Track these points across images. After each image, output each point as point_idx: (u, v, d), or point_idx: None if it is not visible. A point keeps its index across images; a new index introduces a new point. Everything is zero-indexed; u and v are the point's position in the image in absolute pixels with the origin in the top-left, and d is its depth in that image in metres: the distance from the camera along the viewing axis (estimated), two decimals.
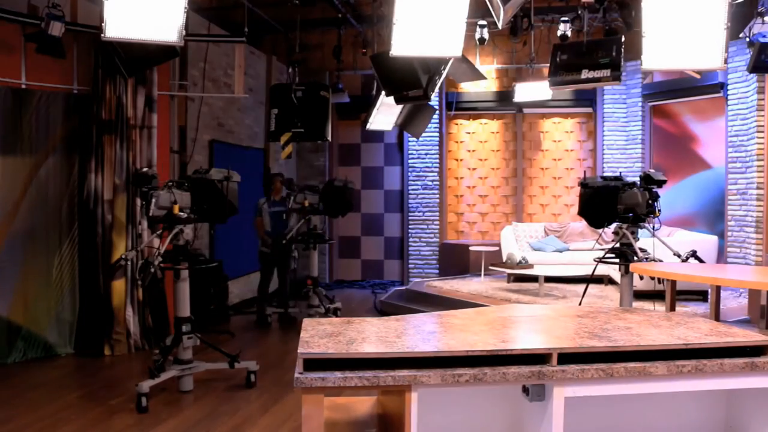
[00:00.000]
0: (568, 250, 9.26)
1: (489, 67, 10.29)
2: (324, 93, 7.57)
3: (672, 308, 5.49)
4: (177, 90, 7.31)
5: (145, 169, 5.13)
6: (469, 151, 10.92)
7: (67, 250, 6.28)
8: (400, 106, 8.48)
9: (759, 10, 6.31)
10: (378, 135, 10.88)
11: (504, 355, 2.29)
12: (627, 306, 5.36)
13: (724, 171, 8.40)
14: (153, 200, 4.80)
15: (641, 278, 5.19)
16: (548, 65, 6.19)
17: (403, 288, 9.36)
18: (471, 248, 9.74)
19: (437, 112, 10.18)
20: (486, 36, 7.25)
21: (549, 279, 8.36)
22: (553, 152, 10.72)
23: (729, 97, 8.26)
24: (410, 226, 10.85)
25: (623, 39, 5.85)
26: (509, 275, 8.77)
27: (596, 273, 6.01)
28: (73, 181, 6.34)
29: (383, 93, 7.08)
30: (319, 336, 2.47)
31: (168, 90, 7.03)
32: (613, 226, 5.52)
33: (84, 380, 5.48)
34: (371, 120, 8.78)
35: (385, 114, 8.74)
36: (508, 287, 8.50)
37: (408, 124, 9.25)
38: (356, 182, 10.49)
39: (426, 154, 10.75)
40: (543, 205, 10.75)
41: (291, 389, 4.99)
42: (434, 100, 9.73)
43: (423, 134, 9.78)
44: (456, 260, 10.31)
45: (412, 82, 6.11)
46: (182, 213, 5.00)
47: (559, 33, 6.77)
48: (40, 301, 6.05)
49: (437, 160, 10.70)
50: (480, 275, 9.19)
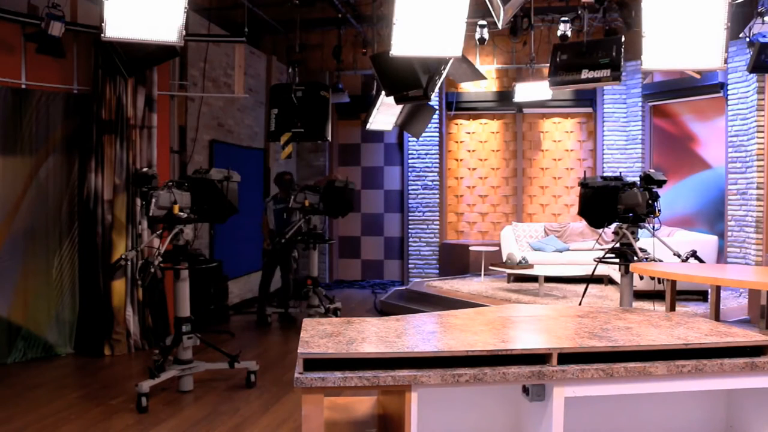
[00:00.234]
0: (568, 250, 9.26)
1: (489, 67, 10.31)
2: (324, 93, 7.57)
3: (672, 308, 5.49)
4: (177, 90, 7.31)
5: (145, 169, 5.12)
6: (469, 151, 10.92)
7: (67, 250, 6.28)
8: (400, 106, 8.49)
9: (759, 10, 6.31)
10: (378, 135, 10.89)
11: (504, 355, 2.29)
12: (627, 306, 5.36)
13: (724, 171, 8.40)
14: (153, 200, 4.80)
15: (641, 278, 5.19)
16: (548, 65, 6.18)
17: (403, 288, 9.36)
18: (471, 248, 9.74)
19: (437, 112, 10.18)
20: (486, 36, 7.25)
21: (549, 279, 8.36)
22: (553, 152, 10.72)
23: (729, 97, 8.26)
24: (410, 226, 10.85)
25: (623, 39, 5.85)
26: (509, 275, 8.77)
27: (596, 273, 6.01)
28: (73, 181, 6.34)
29: (383, 93, 7.08)
30: (319, 336, 2.47)
31: (168, 90, 7.03)
32: (613, 226, 5.52)
33: (84, 380, 5.48)
34: (371, 120, 8.78)
35: (385, 114, 8.74)
36: (508, 287, 8.50)
37: (408, 124, 9.25)
38: (356, 182, 10.51)
39: (426, 154, 10.75)
40: (543, 205, 10.75)
41: (291, 389, 4.99)
42: (434, 100, 9.75)
43: (423, 134, 9.79)
44: (456, 260, 10.31)
45: (412, 82, 6.11)
46: (182, 213, 5.00)
47: (559, 33, 6.78)
48: (40, 301, 6.05)
49: (437, 160, 10.70)
50: (480, 275, 9.19)
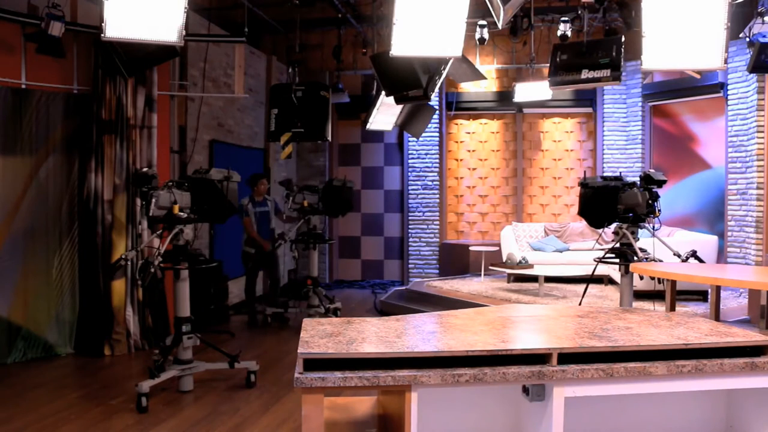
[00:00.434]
0: (568, 250, 9.26)
1: (489, 67, 10.31)
2: (324, 93, 7.56)
3: (672, 308, 5.49)
4: (177, 90, 7.31)
5: (145, 169, 5.12)
6: (469, 151, 10.92)
7: (67, 250, 6.28)
8: (400, 106, 8.49)
9: (759, 10, 6.31)
10: (378, 135, 10.88)
11: (504, 355, 2.29)
12: (627, 306, 5.36)
13: (724, 171, 8.40)
14: (153, 200, 4.80)
15: (641, 278, 5.19)
16: (548, 65, 6.18)
17: (403, 288, 9.36)
18: (471, 248, 9.74)
19: (437, 112, 10.18)
20: (486, 36, 7.25)
21: (549, 279, 8.36)
22: (553, 152, 10.72)
23: (729, 97, 8.26)
24: (410, 226, 10.85)
25: (623, 39, 5.85)
26: (509, 275, 8.77)
27: (596, 273, 6.01)
28: (73, 181, 6.34)
29: (383, 93, 7.08)
30: (319, 336, 2.47)
31: (168, 90, 7.03)
32: (613, 226, 5.52)
33: (84, 380, 5.48)
34: (371, 120, 8.78)
35: (385, 114, 8.74)
36: (508, 287, 8.50)
37: (408, 124, 9.25)
38: (356, 182, 10.51)
39: (426, 154, 10.75)
40: (543, 205, 10.75)
41: (291, 389, 4.99)
42: (434, 100, 9.75)
43: (423, 134, 9.79)
44: (456, 260, 10.31)
45: (412, 82, 6.11)
46: (182, 213, 4.99)
47: (559, 33, 6.78)
48: (40, 301, 6.05)
49: (437, 160, 10.70)
50: (480, 275, 9.19)
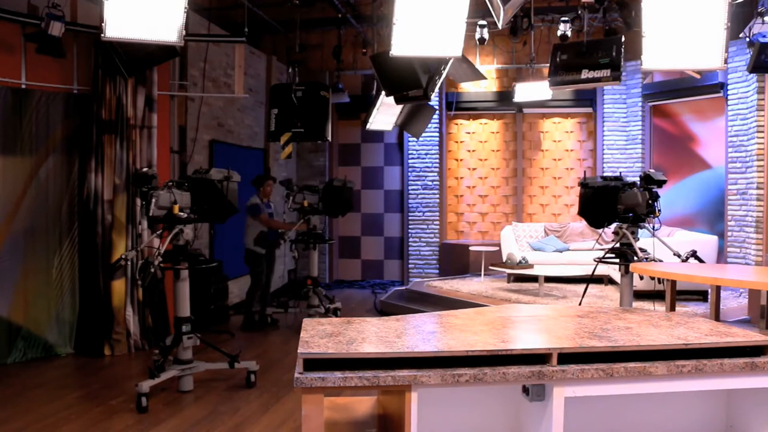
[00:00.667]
0: (568, 250, 9.26)
1: (489, 67, 10.30)
2: (324, 93, 7.56)
3: (672, 308, 5.49)
4: (177, 90, 7.31)
5: (145, 169, 5.12)
6: (469, 151, 10.92)
7: (67, 250, 6.28)
8: (400, 106, 8.49)
9: (759, 10, 6.31)
10: (378, 135, 10.88)
11: (504, 355, 2.29)
12: (627, 306, 5.36)
13: (724, 171, 8.40)
14: (153, 200, 4.80)
15: (641, 278, 5.19)
16: (548, 65, 6.18)
17: (403, 288, 9.36)
18: (471, 248, 9.74)
19: (437, 112, 10.18)
20: (486, 36, 7.26)
21: (549, 279, 8.36)
22: (553, 152, 10.72)
23: (729, 97, 8.26)
24: (410, 226, 10.85)
25: (623, 39, 5.85)
26: (509, 275, 8.77)
27: (596, 273, 6.01)
28: (73, 181, 6.34)
29: (383, 93, 7.07)
30: (319, 336, 2.47)
31: (168, 90, 7.03)
32: (613, 226, 5.52)
33: (84, 380, 5.48)
34: (371, 120, 8.78)
35: (385, 114, 8.74)
36: (508, 287, 8.50)
37: (408, 124, 9.25)
38: (356, 182, 10.51)
39: (426, 154, 10.75)
40: (543, 205, 10.75)
41: (291, 389, 4.99)
42: (434, 100, 9.75)
43: (423, 134, 9.79)
44: (456, 260, 10.31)
45: (412, 82, 6.10)
46: (182, 213, 5.00)
47: (559, 33, 6.78)
48: (40, 301, 6.05)
49: (437, 160, 10.70)
50: (480, 275, 9.19)
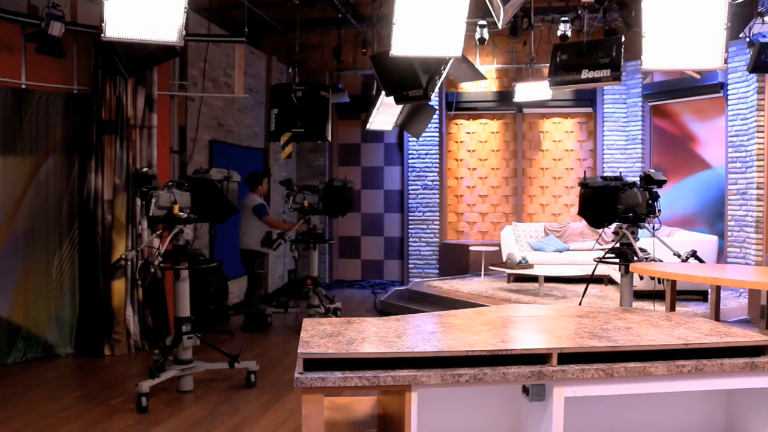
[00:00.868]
0: (568, 250, 9.26)
1: (489, 67, 10.30)
2: (324, 93, 7.56)
3: (672, 308, 5.49)
4: (177, 90, 7.31)
5: (145, 169, 5.12)
6: (469, 151, 10.92)
7: (67, 250, 6.28)
8: (400, 106, 8.49)
9: (759, 10, 6.31)
10: (378, 135, 10.88)
11: (504, 355, 2.29)
12: (627, 306, 5.36)
13: (724, 171, 8.40)
14: (153, 200, 4.80)
15: (641, 278, 5.19)
16: (548, 65, 6.18)
17: (403, 288, 9.36)
18: (471, 248, 9.74)
19: (437, 112, 10.18)
20: (486, 36, 7.26)
21: (549, 279, 8.36)
22: (553, 152, 10.72)
23: (729, 97, 8.26)
24: (410, 226, 10.85)
25: (623, 39, 5.85)
26: (509, 275, 8.77)
27: (596, 273, 6.01)
28: (73, 181, 6.34)
29: (383, 93, 7.07)
30: (319, 336, 2.47)
31: (168, 90, 7.03)
32: (613, 226, 5.52)
33: (84, 380, 5.48)
34: (371, 120, 8.78)
35: (385, 114, 8.74)
36: (508, 287, 8.50)
37: (408, 124, 9.25)
38: (356, 182, 10.51)
39: (426, 154, 10.75)
40: (543, 205, 10.75)
41: (291, 389, 4.99)
42: (434, 100, 9.75)
43: (423, 134, 9.79)
44: (456, 260, 10.31)
45: (412, 82, 6.10)
46: (182, 213, 4.99)
47: (559, 33, 6.78)
48: (40, 301, 6.05)
49: (437, 160, 10.70)
50: (480, 275, 9.19)
